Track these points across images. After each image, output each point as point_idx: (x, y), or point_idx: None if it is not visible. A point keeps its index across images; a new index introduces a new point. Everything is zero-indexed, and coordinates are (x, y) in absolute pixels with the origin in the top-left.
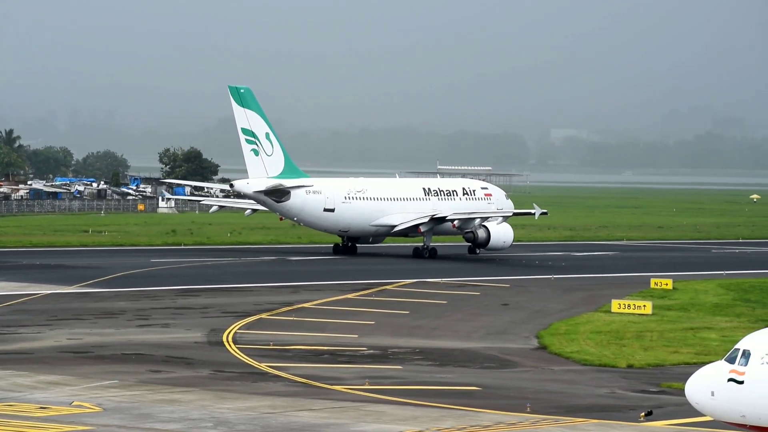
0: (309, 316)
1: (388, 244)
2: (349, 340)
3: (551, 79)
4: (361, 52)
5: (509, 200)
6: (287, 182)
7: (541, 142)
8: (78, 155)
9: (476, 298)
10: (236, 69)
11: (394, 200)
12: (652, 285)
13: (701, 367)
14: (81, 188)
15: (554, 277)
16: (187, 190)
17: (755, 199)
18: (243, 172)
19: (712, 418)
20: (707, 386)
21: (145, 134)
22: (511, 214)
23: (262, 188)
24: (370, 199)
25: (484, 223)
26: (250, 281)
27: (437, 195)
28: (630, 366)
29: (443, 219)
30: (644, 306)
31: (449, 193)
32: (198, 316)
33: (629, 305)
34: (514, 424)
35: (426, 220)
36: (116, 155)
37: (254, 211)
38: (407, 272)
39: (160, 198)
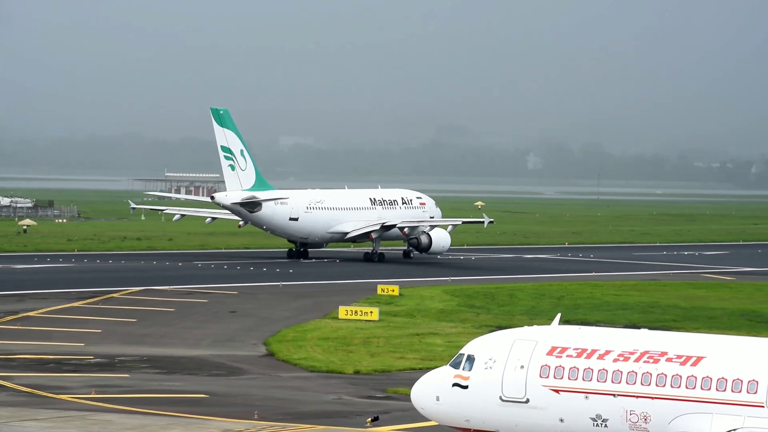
0: (34, 325)
1: (337, 248)
2: (75, 348)
3: (280, 86)
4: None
5: (438, 208)
6: (260, 194)
7: (269, 148)
8: None
9: (204, 305)
10: None
11: (347, 209)
12: (379, 291)
13: (427, 372)
14: None
15: (282, 284)
16: None
17: (479, 206)
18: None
19: (437, 423)
20: (432, 391)
21: None
22: (460, 222)
23: (239, 200)
24: (328, 209)
25: (425, 230)
26: None
27: (381, 204)
28: (357, 372)
29: (393, 226)
30: (371, 312)
31: (391, 202)
32: None
33: (356, 311)
34: (241, 431)
35: (377, 227)
36: None
37: (214, 219)
38: (135, 280)
39: None
